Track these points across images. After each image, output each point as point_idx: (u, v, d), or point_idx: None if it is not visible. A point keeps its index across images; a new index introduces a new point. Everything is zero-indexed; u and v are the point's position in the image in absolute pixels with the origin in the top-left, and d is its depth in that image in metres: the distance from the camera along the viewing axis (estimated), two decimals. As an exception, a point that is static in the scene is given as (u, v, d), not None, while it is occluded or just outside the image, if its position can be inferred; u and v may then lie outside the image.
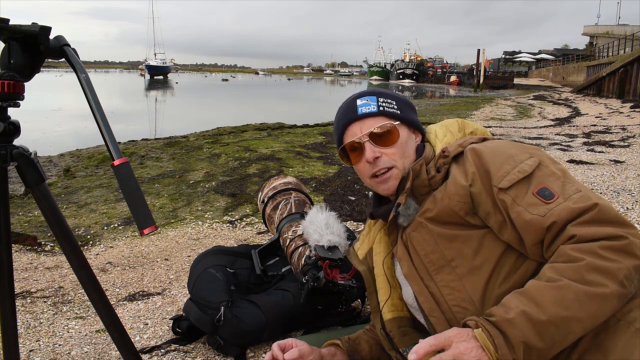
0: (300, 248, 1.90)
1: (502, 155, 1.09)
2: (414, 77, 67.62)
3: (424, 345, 0.95)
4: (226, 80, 78.76)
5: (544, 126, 10.51)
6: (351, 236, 1.86)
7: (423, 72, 71.09)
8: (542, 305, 0.91)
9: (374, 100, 1.25)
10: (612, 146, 6.87)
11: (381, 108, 1.24)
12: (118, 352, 1.48)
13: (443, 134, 1.26)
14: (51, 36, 1.00)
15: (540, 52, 74.24)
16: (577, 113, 13.78)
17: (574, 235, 0.96)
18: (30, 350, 1.93)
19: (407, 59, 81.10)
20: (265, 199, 2.26)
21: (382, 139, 1.22)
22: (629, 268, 0.91)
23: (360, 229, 3.38)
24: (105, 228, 3.83)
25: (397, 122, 1.24)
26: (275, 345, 1.27)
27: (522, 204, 1.02)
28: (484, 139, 1.22)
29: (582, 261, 0.92)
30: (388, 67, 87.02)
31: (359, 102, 1.26)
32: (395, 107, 1.26)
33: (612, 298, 0.91)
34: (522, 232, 1.03)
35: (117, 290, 2.64)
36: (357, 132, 1.23)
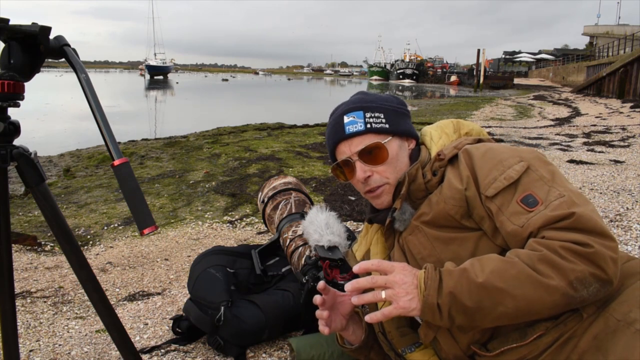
0: (300, 248, 1.90)
1: (492, 160, 1.09)
2: (414, 77, 67.66)
3: (367, 262, 1.05)
4: (226, 80, 78.71)
5: (544, 126, 10.51)
6: (351, 236, 1.86)
7: (423, 72, 71.15)
8: (484, 270, 0.96)
9: (361, 117, 1.22)
10: (612, 146, 6.87)
11: (368, 125, 1.21)
12: (118, 352, 1.48)
13: (438, 135, 1.25)
14: (51, 36, 1.00)
15: (540, 52, 74.26)
16: (577, 113, 13.78)
17: (543, 237, 0.97)
18: (30, 350, 1.93)
19: (407, 59, 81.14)
20: (265, 199, 2.26)
21: (371, 157, 1.20)
22: (584, 272, 0.91)
23: (360, 229, 3.39)
24: (105, 228, 3.83)
25: (386, 140, 1.21)
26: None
27: (506, 214, 1.02)
28: (479, 140, 1.22)
29: (539, 252, 0.94)
30: (388, 67, 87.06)
31: (345, 119, 1.23)
32: (384, 121, 1.23)
33: (554, 291, 0.92)
34: (508, 241, 1.04)
35: (117, 290, 2.64)
36: (346, 151, 1.23)
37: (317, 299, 1.19)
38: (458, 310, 0.96)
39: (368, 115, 1.22)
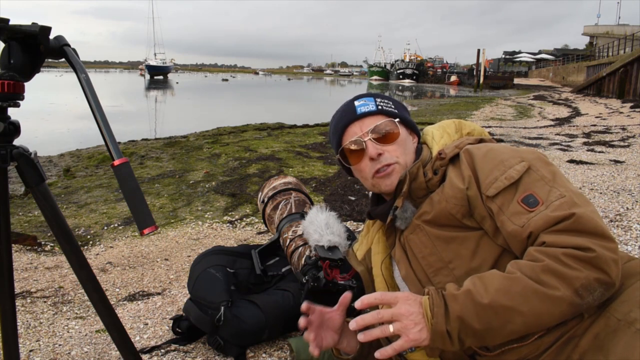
0: (300, 248, 1.90)
1: (493, 160, 1.09)
2: (414, 77, 67.68)
3: (370, 297, 1.02)
4: (226, 80, 78.69)
5: (544, 126, 10.51)
6: (351, 236, 1.86)
7: (423, 72, 71.18)
8: (488, 290, 0.94)
9: (372, 101, 1.26)
10: (612, 146, 6.87)
11: (379, 107, 1.25)
12: (118, 352, 1.48)
13: (440, 135, 1.25)
14: (51, 36, 1.00)
15: (540, 52, 74.27)
16: (577, 113, 13.78)
17: (544, 242, 0.96)
18: (30, 350, 1.93)
19: (407, 59, 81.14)
20: (265, 199, 2.26)
21: (383, 136, 1.22)
22: (588, 278, 0.91)
23: (360, 229, 3.38)
24: (105, 228, 3.83)
25: (397, 120, 1.24)
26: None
27: (507, 214, 1.02)
28: (481, 140, 1.22)
29: (541, 262, 0.93)
30: (388, 67, 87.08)
31: (356, 103, 1.26)
32: (393, 107, 1.27)
33: (561, 302, 0.91)
34: (508, 241, 1.04)
35: (117, 290, 2.64)
36: (357, 131, 1.23)
37: (301, 321, 1.18)
38: (467, 334, 0.95)
39: (378, 100, 1.27)
